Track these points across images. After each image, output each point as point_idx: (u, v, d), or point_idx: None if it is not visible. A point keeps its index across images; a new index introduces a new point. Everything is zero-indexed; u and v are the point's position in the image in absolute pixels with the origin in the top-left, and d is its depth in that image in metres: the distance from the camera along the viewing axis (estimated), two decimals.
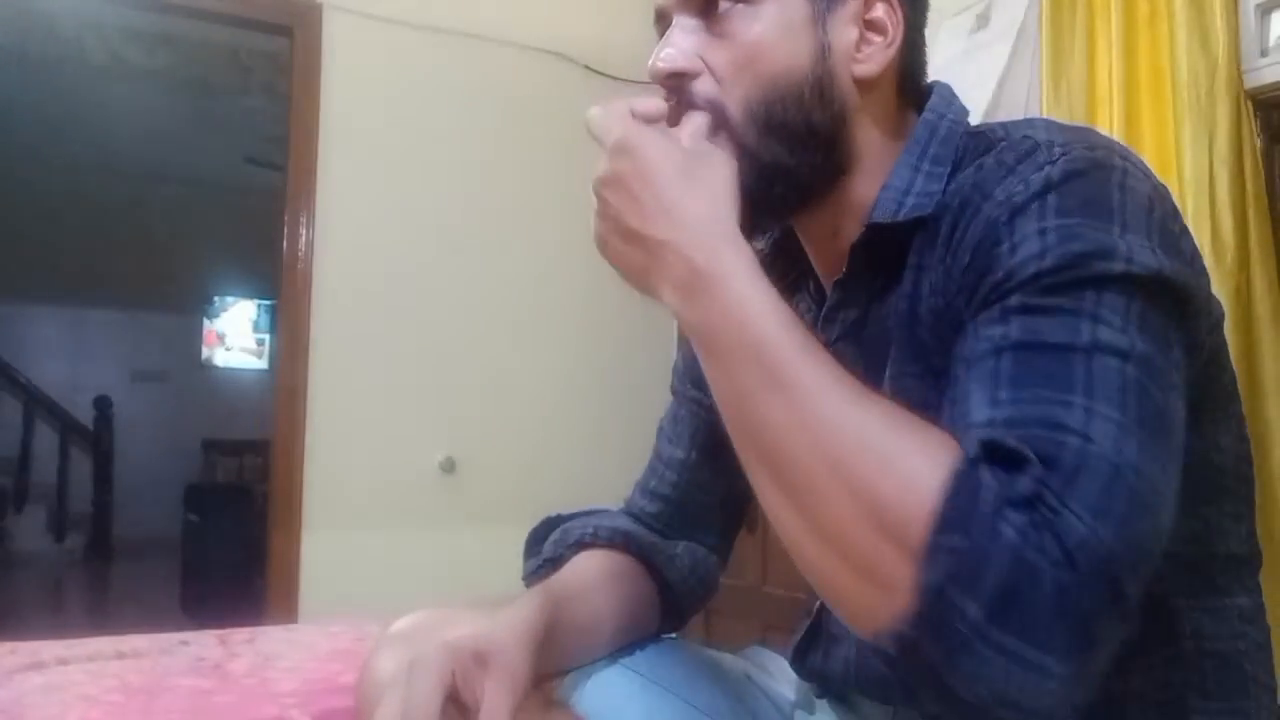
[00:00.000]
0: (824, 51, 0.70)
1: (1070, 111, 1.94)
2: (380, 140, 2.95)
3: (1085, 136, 0.64)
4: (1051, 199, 0.59)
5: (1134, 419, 0.52)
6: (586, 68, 3.16)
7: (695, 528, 0.90)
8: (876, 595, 0.51)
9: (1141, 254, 0.57)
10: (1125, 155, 0.63)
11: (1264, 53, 1.75)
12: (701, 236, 0.61)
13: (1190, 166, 1.73)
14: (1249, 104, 1.74)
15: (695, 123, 0.69)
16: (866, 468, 0.52)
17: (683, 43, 0.71)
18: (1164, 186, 0.64)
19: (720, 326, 0.59)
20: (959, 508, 0.48)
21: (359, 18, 2.92)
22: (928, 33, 0.77)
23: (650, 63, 0.71)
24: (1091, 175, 0.60)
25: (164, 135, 5.67)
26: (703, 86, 0.70)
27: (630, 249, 0.64)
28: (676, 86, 0.71)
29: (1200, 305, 0.61)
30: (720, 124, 0.70)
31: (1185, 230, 0.63)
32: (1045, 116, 1.87)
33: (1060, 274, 0.56)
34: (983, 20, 2.23)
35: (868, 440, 0.53)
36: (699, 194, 0.63)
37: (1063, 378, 0.53)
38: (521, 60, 3.13)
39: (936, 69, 0.80)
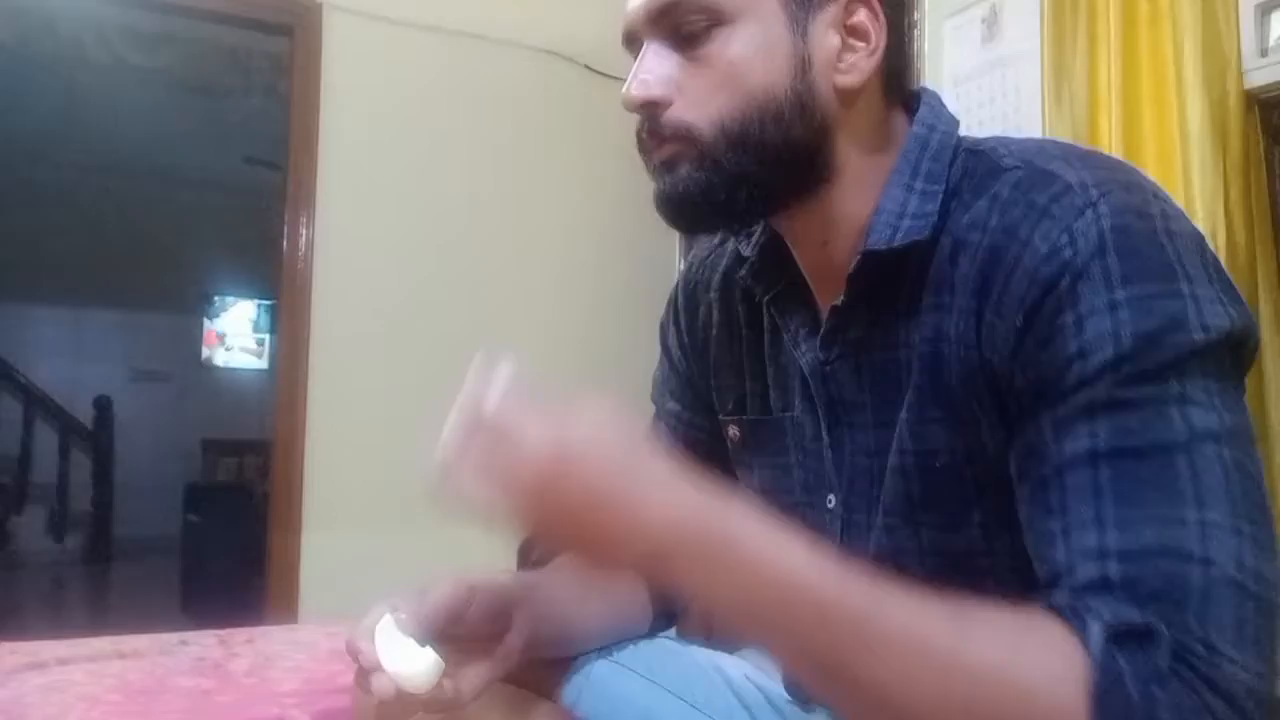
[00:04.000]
0: (804, 64, 0.67)
1: (1072, 119, 1.94)
2: (380, 140, 2.95)
3: (1111, 171, 0.62)
4: (1112, 262, 0.57)
5: (1243, 514, 0.53)
6: (586, 67, 3.16)
7: None
8: None
9: (1212, 313, 0.56)
10: (1155, 190, 0.62)
11: (1264, 53, 1.75)
12: (684, 517, 0.54)
13: (1199, 174, 1.71)
14: (1256, 106, 1.74)
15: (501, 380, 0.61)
16: (1003, 707, 0.50)
17: (656, 69, 0.68)
18: (1184, 213, 0.63)
19: (760, 598, 0.53)
20: (1114, 714, 0.48)
21: (359, 18, 2.92)
22: (930, 36, 0.76)
23: (624, 90, 0.69)
24: (1139, 226, 0.58)
25: (164, 135, 5.66)
26: (674, 114, 0.68)
27: (620, 556, 0.57)
28: (650, 115, 0.68)
29: (1255, 340, 0.61)
30: (688, 145, 0.67)
31: (1217, 257, 0.62)
32: (1049, 137, 1.87)
33: (1140, 360, 0.55)
34: (991, 27, 2.22)
35: (991, 674, 0.50)
36: (644, 474, 0.55)
37: (1169, 486, 0.53)
38: (521, 60, 3.13)
39: (954, 82, 0.78)
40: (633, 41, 0.71)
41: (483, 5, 3.10)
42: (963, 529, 0.66)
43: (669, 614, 0.89)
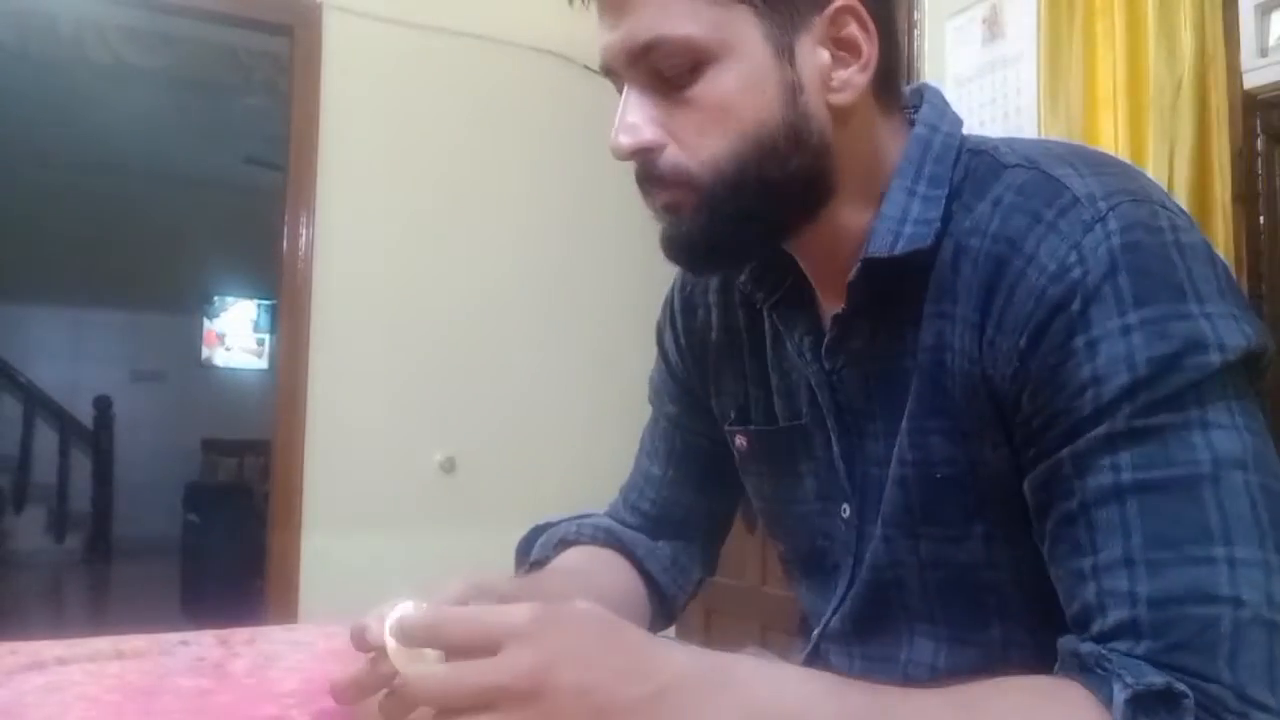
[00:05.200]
0: (794, 91, 0.63)
1: (1067, 120, 1.94)
2: (380, 140, 2.95)
3: (1119, 180, 0.60)
4: (1124, 283, 0.55)
5: (1271, 542, 0.52)
6: (586, 68, 3.16)
7: (674, 540, 0.90)
8: None
9: (1228, 332, 0.55)
10: (1162, 200, 0.60)
11: (1264, 53, 1.75)
12: (687, 659, 0.50)
13: (1187, 172, 1.74)
14: (1232, 108, 1.74)
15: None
16: None
17: (642, 113, 0.65)
18: (1191, 218, 0.61)
19: None
20: None
21: (359, 18, 2.92)
22: (931, 37, 0.73)
23: (612, 137, 0.65)
24: (1150, 242, 0.56)
25: (164, 135, 5.67)
26: (670, 159, 0.65)
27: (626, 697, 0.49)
28: (644, 161, 0.66)
29: (1271, 352, 0.60)
30: (688, 190, 0.65)
31: (1227, 265, 0.61)
32: (1048, 138, 1.87)
33: (1157, 385, 0.54)
34: (993, 27, 2.22)
35: None
36: (634, 633, 0.51)
37: (1197, 522, 0.52)
38: (521, 60, 3.13)
39: (956, 83, 0.77)
40: (611, 75, 0.68)
41: (483, 5, 3.10)
42: (964, 541, 0.65)
43: (667, 614, 0.89)
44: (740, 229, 0.65)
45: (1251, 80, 1.75)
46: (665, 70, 0.64)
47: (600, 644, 0.49)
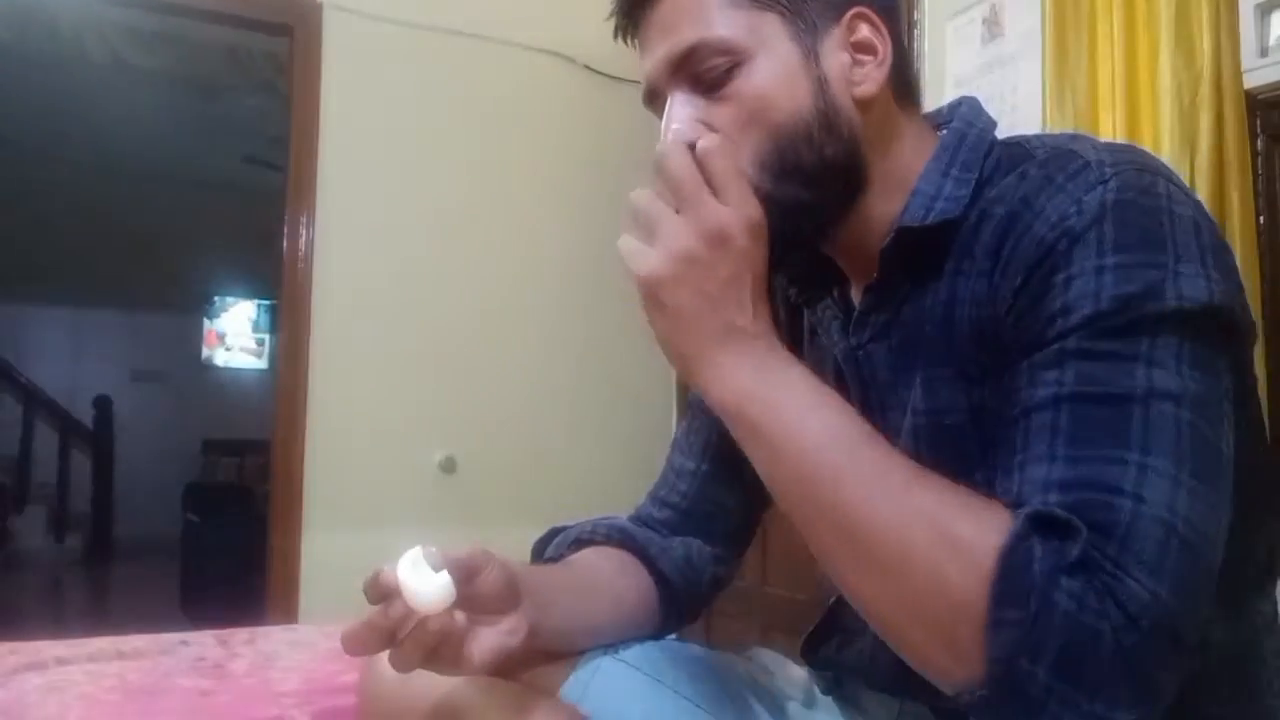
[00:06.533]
0: (822, 85, 0.71)
1: (1074, 118, 1.94)
2: (380, 140, 2.95)
3: (1131, 155, 0.65)
4: (1108, 229, 0.60)
5: (1188, 469, 0.55)
6: (586, 68, 3.16)
7: (701, 535, 0.91)
8: (954, 662, 0.55)
9: (1191, 285, 0.59)
10: (1169, 176, 0.65)
11: (1264, 53, 1.75)
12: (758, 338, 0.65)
13: (1194, 175, 1.73)
14: (1244, 108, 1.73)
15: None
16: (931, 550, 0.56)
17: (685, 115, 0.71)
18: (1201, 204, 0.66)
19: (777, 448, 0.63)
20: (1014, 581, 0.52)
21: (359, 17, 2.92)
22: (931, 37, 0.78)
23: (660, 144, 0.71)
24: (1143, 202, 0.61)
25: (164, 135, 5.67)
26: None
27: (707, 340, 0.66)
28: None
29: (1247, 324, 0.63)
30: None
31: (1227, 246, 0.65)
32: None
33: (1114, 317, 0.58)
34: (993, 27, 2.23)
35: (929, 516, 0.57)
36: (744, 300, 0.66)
37: (1119, 432, 0.56)
38: (521, 60, 3.13)
39: (956, 83, 0.82)
40: (655, 98, 0.75)
41: (483, 5, 3.10)
42: None
43: (679, 613, 0.89)
44: (786, 219, 0.70)
45: (1251, 80, 1.75)
46: (704, 74, 0.71)
47: (740, 280, 0.64)
